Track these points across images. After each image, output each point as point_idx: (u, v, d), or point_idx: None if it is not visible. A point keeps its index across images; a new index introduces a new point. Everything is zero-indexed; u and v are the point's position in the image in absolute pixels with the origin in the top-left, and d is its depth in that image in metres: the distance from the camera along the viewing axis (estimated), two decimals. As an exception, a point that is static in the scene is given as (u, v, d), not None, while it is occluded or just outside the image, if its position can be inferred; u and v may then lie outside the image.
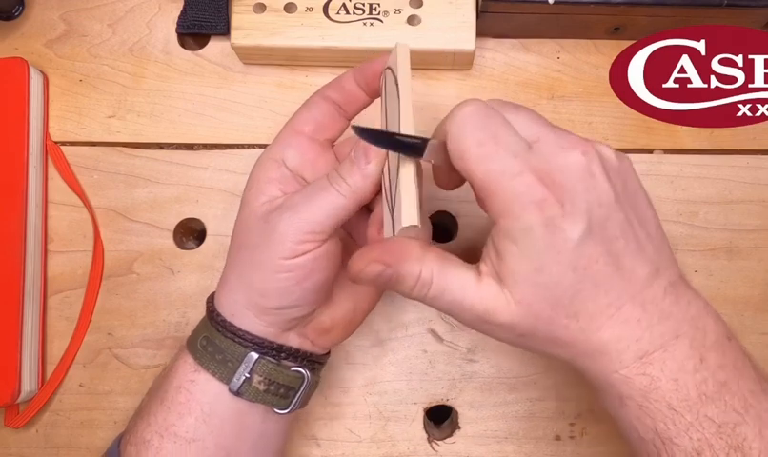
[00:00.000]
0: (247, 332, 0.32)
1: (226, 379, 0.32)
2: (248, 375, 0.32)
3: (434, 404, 0.42)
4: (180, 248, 0.44)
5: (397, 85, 0.31)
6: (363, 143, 0.30)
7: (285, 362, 0.34)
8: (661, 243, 0.30)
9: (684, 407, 0.28)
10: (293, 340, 0.34)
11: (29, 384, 0.41)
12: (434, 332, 0.43)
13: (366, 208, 0.34)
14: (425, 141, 0.29)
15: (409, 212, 0.28)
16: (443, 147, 0.29)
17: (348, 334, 0.36)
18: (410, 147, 0.29)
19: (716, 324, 0.29)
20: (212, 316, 0.33)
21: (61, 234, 0.44)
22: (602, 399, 0.30)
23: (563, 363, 0.30)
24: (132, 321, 0.43)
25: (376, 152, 0.31)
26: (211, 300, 0.35)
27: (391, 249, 0.29)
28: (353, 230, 0.37)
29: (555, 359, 0.31)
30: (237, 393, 0.32)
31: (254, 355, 0.32)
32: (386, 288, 0.30)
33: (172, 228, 0.44)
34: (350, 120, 0.35)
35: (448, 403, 0.42)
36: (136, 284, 0.44)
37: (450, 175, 0.32)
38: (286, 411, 0.34)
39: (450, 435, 0.42)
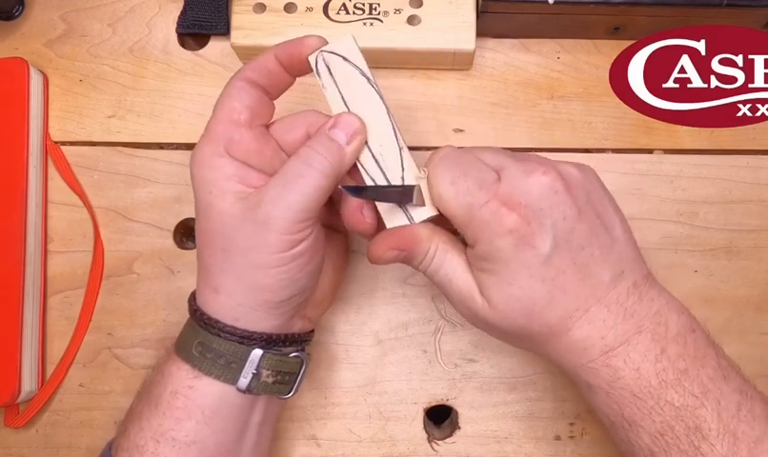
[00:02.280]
0: (254, 332, 0.33)
1: (232, 380, 0.33)
2: (255, 371, 0.33)
3: (434, 404, 0.42)
4: (180, 247, 0.44)
5: (373, 83, 0.33)
6: (335, 119, 0.33)
7: (286, 350, 0.35)
8: (626, 245, 0.32)
9: (646, 394, 0.30)
10: (296, 325, 0.36)
11: (29, 384, 0.41)
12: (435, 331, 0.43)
13: None
14: (412, 188, 0.32)
15: (428, 206, 0.33)
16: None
17: (333, 300, 0.40)
18: (400, 195, 0.33)
19: (679, 318, 0.31)
20: (209, 323, 0.33)
21: (61, 234, 0.44)
22: (576, 384, 0.33)
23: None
24: (132, 321, 0.43)
25: (356, 133, 0.32)
26: (195, 305, 0.34)
27: (405, 236, 0.33)
28: None
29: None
30: (247, 391, 0.33)
31: (259, 352, 0.33)
32: (399, 262, 0.34)
33: (172, 229, 0.44)
34: (274, 100, 0.35)
35: (448, 403, 0.42)
36: (136, 284, 0.44)
37: None
38: (290, 395, 0.35)
39: (450, 435, 0.42)
